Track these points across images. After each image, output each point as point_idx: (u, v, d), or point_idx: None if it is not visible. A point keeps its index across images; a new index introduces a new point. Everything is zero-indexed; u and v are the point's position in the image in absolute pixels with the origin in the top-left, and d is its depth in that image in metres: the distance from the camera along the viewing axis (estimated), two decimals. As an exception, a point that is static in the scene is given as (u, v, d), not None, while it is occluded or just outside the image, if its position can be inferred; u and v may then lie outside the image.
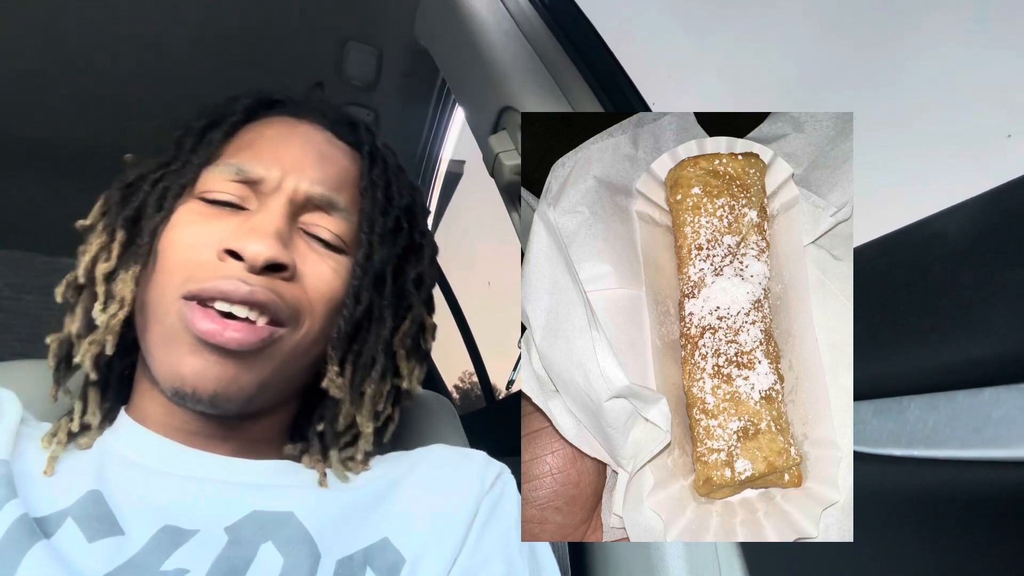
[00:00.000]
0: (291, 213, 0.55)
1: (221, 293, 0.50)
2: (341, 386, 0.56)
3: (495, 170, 0.84)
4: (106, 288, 0.54)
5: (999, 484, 0.35)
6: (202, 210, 0.55)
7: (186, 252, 0.52)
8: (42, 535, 0.44)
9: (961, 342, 0.37)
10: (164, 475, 0.52)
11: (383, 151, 0.65)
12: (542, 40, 0.85)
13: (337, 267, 0.56)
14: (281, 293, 0.52)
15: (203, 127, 0.60)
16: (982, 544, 0.36)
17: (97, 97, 0.82)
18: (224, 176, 0.56)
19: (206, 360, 0.50)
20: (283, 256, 0.52)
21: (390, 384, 0.60)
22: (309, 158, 0.58)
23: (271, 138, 0.59)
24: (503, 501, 0.57)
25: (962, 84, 21.18)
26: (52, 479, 0.49)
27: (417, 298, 0.62)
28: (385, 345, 0.59)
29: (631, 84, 0.82)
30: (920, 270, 0.40)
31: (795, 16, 25.06)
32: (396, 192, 0.63)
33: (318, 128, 0.62)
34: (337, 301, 0.56)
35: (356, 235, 0.59)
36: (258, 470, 0.55)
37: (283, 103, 0.64)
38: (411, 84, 1.25)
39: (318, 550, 0.49)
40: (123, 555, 0.45)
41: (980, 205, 0.37)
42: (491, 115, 0.87)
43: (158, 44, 0.96)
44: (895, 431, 0.41)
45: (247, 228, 0.52)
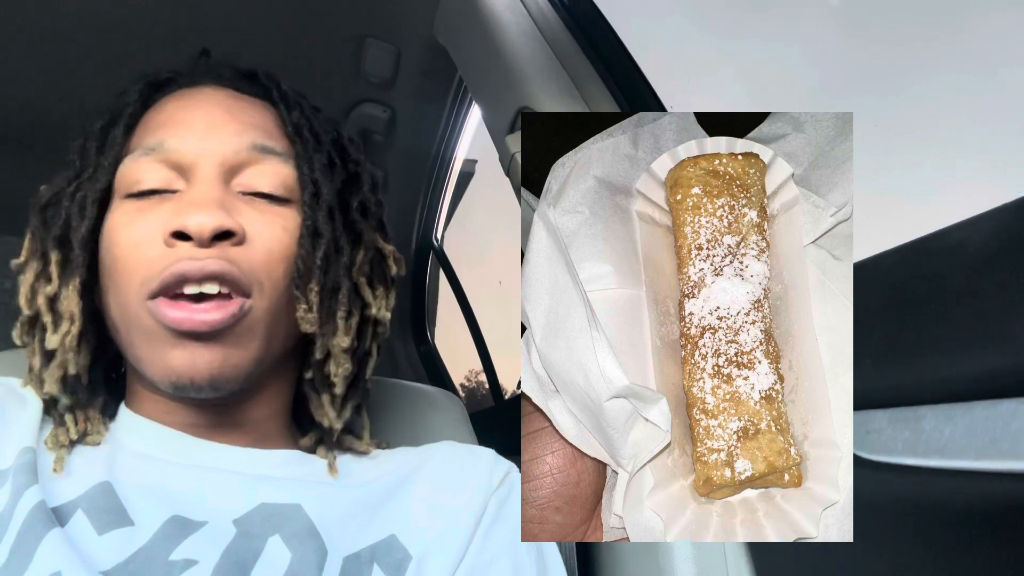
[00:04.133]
0: (223, 177, 0.53)
1: (178, 276, 0.49)
2: (312, 320, 0.54)
3: (511, 170, 0.84)
4: (53, 313, 0.53)
5: (1015, 496, 0.35)
6: (134, 207, 0.53)
7: (134, 253, 0.51)
8: (57, 523, 0.45)
9: (980, 353, 0.37)
10: (173, 465, 0.52)
11: (292, 94, 0.62)
12: (561, 41, 0.85)
13: (286, 223, 0.54)
14: (236, 260, 0.50)
15: (102, 127, 0.57)
16: (994, 557, 0.36)
17: (105, 94, 0.81)
18: (142, 163, 0.53)
19: (192, 350, 0.49)
20: (228, 221, 0.50)
21: (359, 315, 0.59)
22: (220, 118, 0.56)
23: (173, 112, 0.56)
24: (511, 499, 0.57)
25: (984, 93, 21.06)
26: (68, 466, 0.50)
27: (366, 225, 0.61)
28: (346, 273, 0.58)
29: (649, 86, 0.82)
30: (940, 280, 0.40)
31: (817, 20, 24.78)
32: (320, 129, 0.61)
33: (217, 88, 0.60)
34: (294, 258, 0.54)
35: (296, 180, 0.56)
36: (267, 460, 0.55)
37: (174, 79, 0.61)
38: (428, 82, 1.25)
39: (325, 546, 0.49)
40: (133, 545, 0.46)
41: (1002, 216, 0.36)
42: (508, 115, 0.87)
43: (175, 41, 0.96)
44: (911, 440, 0.41)
45: (184, 204, 0.51)
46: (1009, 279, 0.36)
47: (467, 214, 2.76)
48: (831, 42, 28.89)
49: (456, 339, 2.01)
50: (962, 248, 0.39)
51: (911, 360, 0.42)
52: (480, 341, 1.79)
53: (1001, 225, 0.37)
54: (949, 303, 0.40)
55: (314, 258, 0.54)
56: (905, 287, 0.44)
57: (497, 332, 1.92)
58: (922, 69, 23.69)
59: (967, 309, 0.38)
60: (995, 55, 14.05)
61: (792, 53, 27.80)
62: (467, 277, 1.86)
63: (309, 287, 0.54)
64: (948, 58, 23.28)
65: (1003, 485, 0.36)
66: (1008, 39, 13.60)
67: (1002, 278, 0.36)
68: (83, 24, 1.08)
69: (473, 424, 0.78)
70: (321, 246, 0.55)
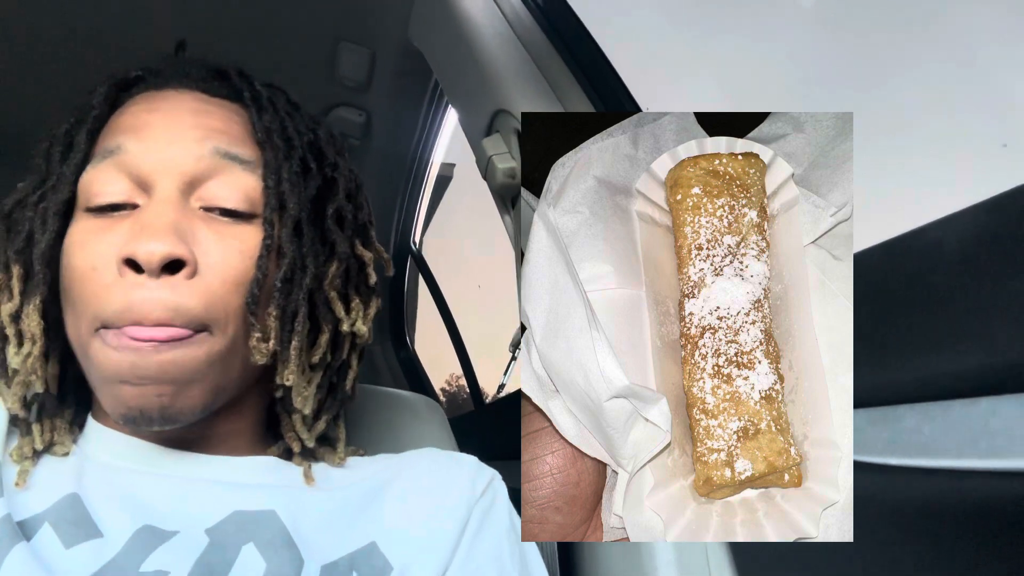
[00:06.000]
0: (183, 193, 0.50)
1: (126, 318, 0.46)
2: (264, 352, 0.51)
3: (488, 173, 0.83)
4: (16, 328, 0.51)
5: (995, 495, 0.35)
6: (93, 224, 0.49)
7: (88, 278, 0.47)
8: (23, 537, 0.43)
9: (958, 351, 0.37)
10: (142, 475, 0.50)
11: (267, 92, 0.58)
12: (537, 43, 0.85)
13: (244, 245, 0.50)
14: (188, 295, 0.47)
15: (66, 131, 0.54)
16: (977, 555, 0.36)
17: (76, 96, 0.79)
18: (102, 171, 0.50)
19: (140, 385, 0.46)
20: (180, 250, 0.46)
21: (328, 332, 0.56)
22: (183, 123, 0.52)
23: (137, 115, 0.53)
24: (495, 508, 0.56)
25: (958, 92, 21.52)
26: (30, 482, 0.49)
27: (340, 236, 0.57)
28: (309, 293, 0.54)
29: (624, 88, 0.82)
30: (917, 278, 0.40)
31: (790, 19, 25.19)
32: (294, 132, 0.56)
33: (184, 91, 0.55)
34: (250, 282, 0.50)
35: (262, 191, 0.53)
36: (241, 468, 0.53)
37: (142, 78, 0.57)
38: (404, 85, 1.24)
39: (301, 555, 0.48)
40: (102, 558, 0.44)
41: (977, 214, 0.37)
42: (485, 117, 0.87)
43: (147, 44, 0.95)
44: (891, 440, 0.41)
45: (138, 228, 0.47)
46: (985, 278, 0.36)
47: (445, 218, 2.77)
48: (803, 40, 29.29)
49: (436, 344, 2.01)
50: (938, 247, 0.39)
51: (889, 359, 0.43)
52: (460, 345, 1.78)
53: (976, 224, 0.37)
54: (926, 302, 0.40)
55: (273, 281, 0.51)
56: (881, 286, 0.44)
57: (477, 336, 1.91)
58: (895, 71, 24.13)
59: (944, 308, 0.38)
60: (968, 55, 14.33)
61: (764, 50, 28.16)
62: (446, 281, 1.86)
63: (267, 312, 0.51)
64: (921, 58, 23.71)
65: (982, 484, 0.36)
66: (980, 39, 13.85)
67: (978, 277, 0.36)
68: (49, 28, 1.06)
69: (454, 429, 0.77)
70: (283, 267, 0.52)
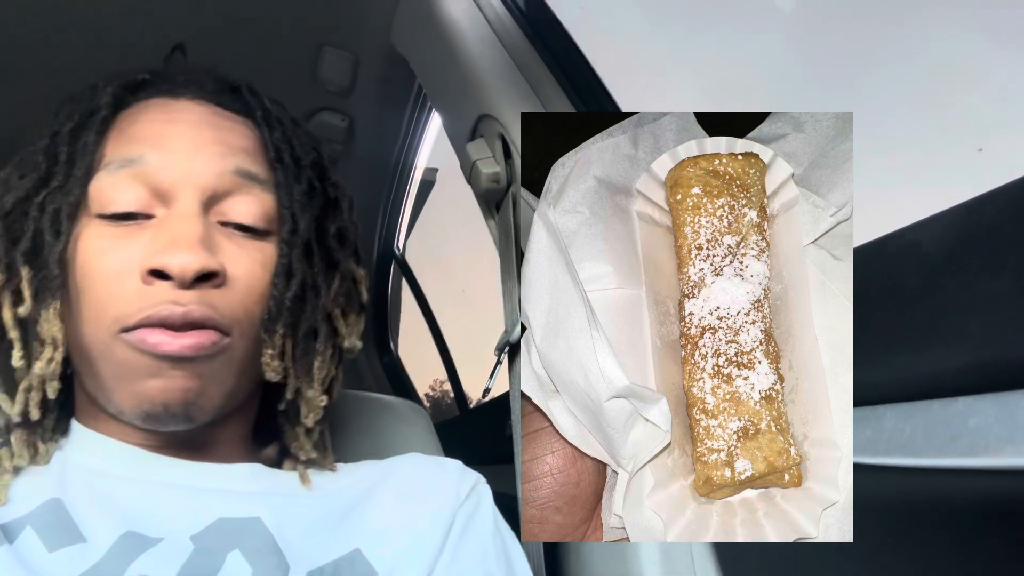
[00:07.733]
0: (205, 208, 0.50)
1: (158, 322, 0.46)
2: (278, 368, 0.52)
3: (472, 177, 0.83)
4: (20, 333, 0.51)
5: (975, 493, 0.35)
6: (108, 231, 0.49)
7: (109, 286, 0.48)
8: (5, 540, 0.43)
9: (937, 352, 0.37)
10: (127, 481, 0.50)
11: (274, 110, 0.59)
12: (519, 47, 0.85)
13: (264, 259, 0.52)
14: (215, 304, 0.48)
15: (72, 131, 0.53)
16: (958, 552, 0.37)
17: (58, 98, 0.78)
18: (119, 178, 0.50)
19: (169, 377, 0.47)
20: (211, 262, 0.48)
21: (332, 348, 0.57)
22: (203, 140, 0.52)
23: (154, 125, 0.53)
24: (479, 512, 0.56)
25: (934, 96, 21.78)
26: (12, 487, 0.48)
27: (342, 254, 0.59)
28: (323, 313, 0.56)
29: (607, 92, 0.82)
30: (895, 280, 0.41)
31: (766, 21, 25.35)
32: (301, 152, 0.57)
33: (200, 103, 0.56)
34: (269, 297, 0.52)
35: (277, 209, 0.54)
36: (226, 474, 0.53)
37: (152, 82, 0.57)
38: (387, 90, 1.24)
39: (287, 561, 0.48)
40: (85, 563, 0.44)
41: (955, 217, 0.37)
42: (468, 122, 0.87)
43: (127, 47, 0.94)
44: (872, 439, 0.42)
45: (167, 241, 0.48)
46: (962, 279, 0.36)
47: (429, 223, 2.76)
48: (779, 41, 29.56)
49: (420, 349, 2.00)
50: (916, 249, 0.40)
51: (870, 359, 0.43)
52: (444, 350, 1.78)
53: (954, 226, 0.38)
54: (904, 303, 0.40)
55: (284, 299, 0.52)
56: (860, 288, 0.44)
57: (461, 341, 1.91)
58: (869, 73, 24.38)
59: (922, 308, 0.39)
60: (943, 59, 14.49)
61: (741, 53, 28.38)
62: (430, 286, 1.85)
63: (276, 328, 0.52)
64: (898, 60, 23.98)
65: (963, 482, 0.36)
66: (956, 41, 14.04)
67: (956, 278, 0.37)
68: (33, 31, 1.05)
69: (439, 434, 0.77)
70: (293, 286, 0.53)
